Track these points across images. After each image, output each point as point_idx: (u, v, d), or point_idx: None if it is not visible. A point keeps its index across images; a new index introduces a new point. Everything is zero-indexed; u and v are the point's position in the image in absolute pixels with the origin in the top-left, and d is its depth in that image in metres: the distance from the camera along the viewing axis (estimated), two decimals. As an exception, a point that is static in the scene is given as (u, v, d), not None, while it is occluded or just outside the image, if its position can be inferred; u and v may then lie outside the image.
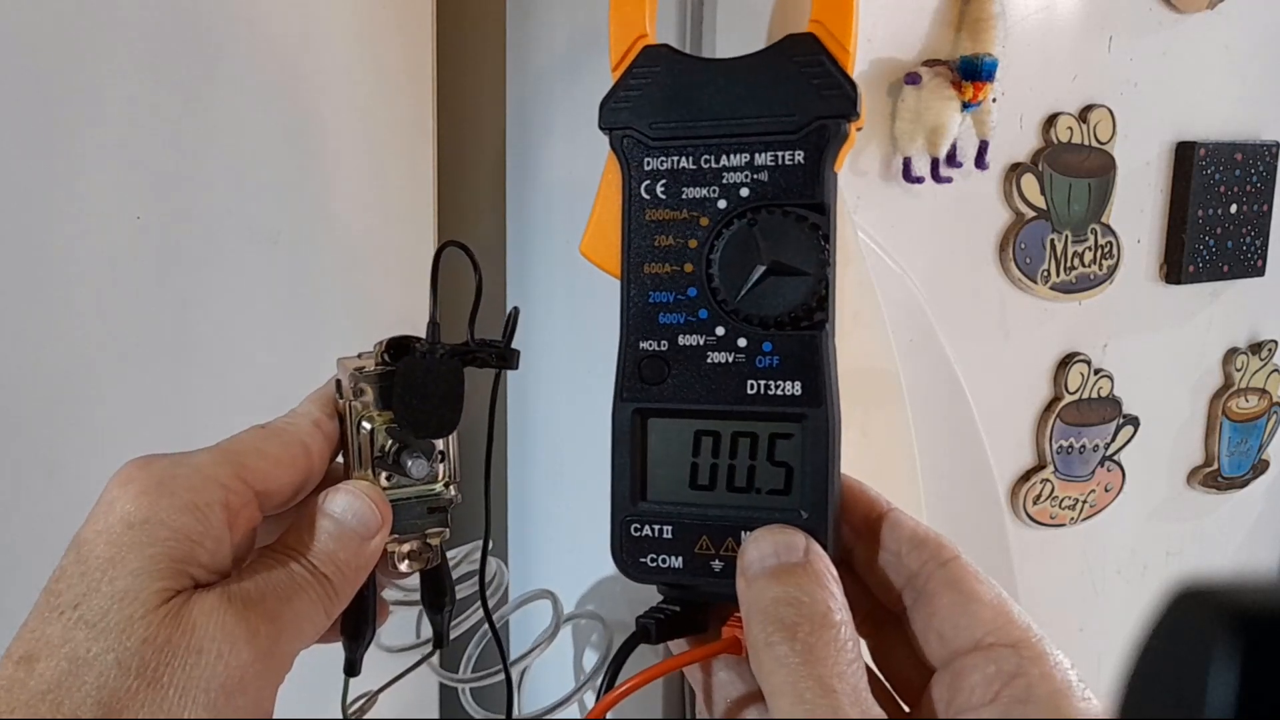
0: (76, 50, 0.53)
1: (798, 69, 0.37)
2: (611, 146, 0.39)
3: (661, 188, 0.38)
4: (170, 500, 0.35)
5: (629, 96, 0.38)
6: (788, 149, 0.37)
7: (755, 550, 0.34)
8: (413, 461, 0.40)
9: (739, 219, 0.37)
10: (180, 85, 0.56)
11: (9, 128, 0.53)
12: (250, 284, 0.59)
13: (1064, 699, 0.31)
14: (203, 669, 0.33)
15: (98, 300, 0.56)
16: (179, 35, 0.56)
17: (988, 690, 0.32)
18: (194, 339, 0.58)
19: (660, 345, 0.38)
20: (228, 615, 0.34)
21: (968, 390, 0.54)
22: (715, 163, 0.38)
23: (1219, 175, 0.59)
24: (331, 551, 0.37)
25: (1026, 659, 0.32)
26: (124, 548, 0.34)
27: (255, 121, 0.58)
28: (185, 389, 0.58)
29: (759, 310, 0.37)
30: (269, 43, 0.58)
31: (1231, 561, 0.69)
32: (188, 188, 0.57)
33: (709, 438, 0.38)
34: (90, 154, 0.55)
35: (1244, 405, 0.65)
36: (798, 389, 0.37)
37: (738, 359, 0.37)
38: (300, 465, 0.38)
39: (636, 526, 0.38)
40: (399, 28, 0.60)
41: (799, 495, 0.36)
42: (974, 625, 0.33)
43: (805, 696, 0.30)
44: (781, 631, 0.32)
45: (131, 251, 0.56)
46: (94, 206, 0.55)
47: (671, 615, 0.37)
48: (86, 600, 0.33)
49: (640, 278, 0.38)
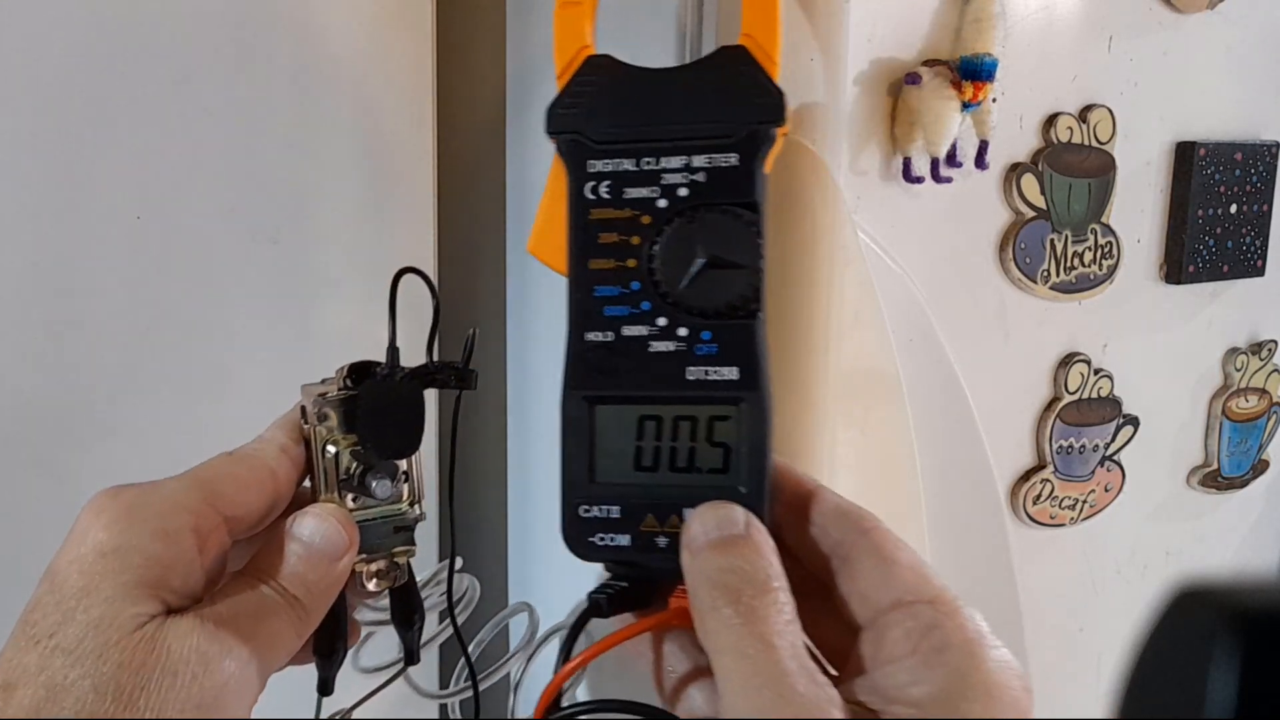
0: (77, 51, 0.53)
1: (731, 79, 0.39)
2: (557, 150, 0.41)
3: (605, 188, 0.40)
4: (141, 528, 0.35)
5: (574, 103, 0.40)
6: (723, 152, 0.39)
7: (698, 525, 0.36)
8: (377, 483, 0.41)
9: (679, 217, 0.39)
10: (181, 86, 0.56)
11: (10, 128, 0.53)
12: (251, 284, 0.59)
13: (977, 646, 0.34)
14: (178, 691, 0.33)
15: (98, 299, 0.56)
16: (179, 37, 0.56)
17: (908, 643, 0.34)
18: (194, 338, 0.58)
19: (606, 336, 0.40)
20: (201, 638, 0.34)
21: (967, 390, 0.54)
22: (656, 165, 0.40)
23: (1219, 175, 0.59)
24: (301, 574, 0.38)
25: (942, 613, 0.35)
26: (97, 576, 0.34)
27: (256, 121, 0.58)
28: (185, 388, 0.58)
29: (698, 302, 0.39)
30: (269, 43, 0.58)
31: (1231, 561, 0.69)
32: (188, 188, 0.57)
33: (652, 422, 0.40)
34: (91, 154, 0.55)
35: (1244, 405, 0.65)
36: (735, 374, 0.39)
37: (679, 347, 0.39)
38: (268, 489, 0.39)
39: (585, 508, 0.40)
40: (399, 27, 0.60)
41: (737, 473, 0.39)
42: (894, 585, 0.36)
43: (748, 653, 0.33)
44: (726, 596, 0.34)
45: (132, 251, 0.56)
46: (94, 206, 0.55)
47: (620, 590, 0.39)
48: (62, 629, 0.34)
49: (586, 273, 0.40)
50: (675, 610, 0.38)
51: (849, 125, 0.47)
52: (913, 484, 0.52)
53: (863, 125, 0.47)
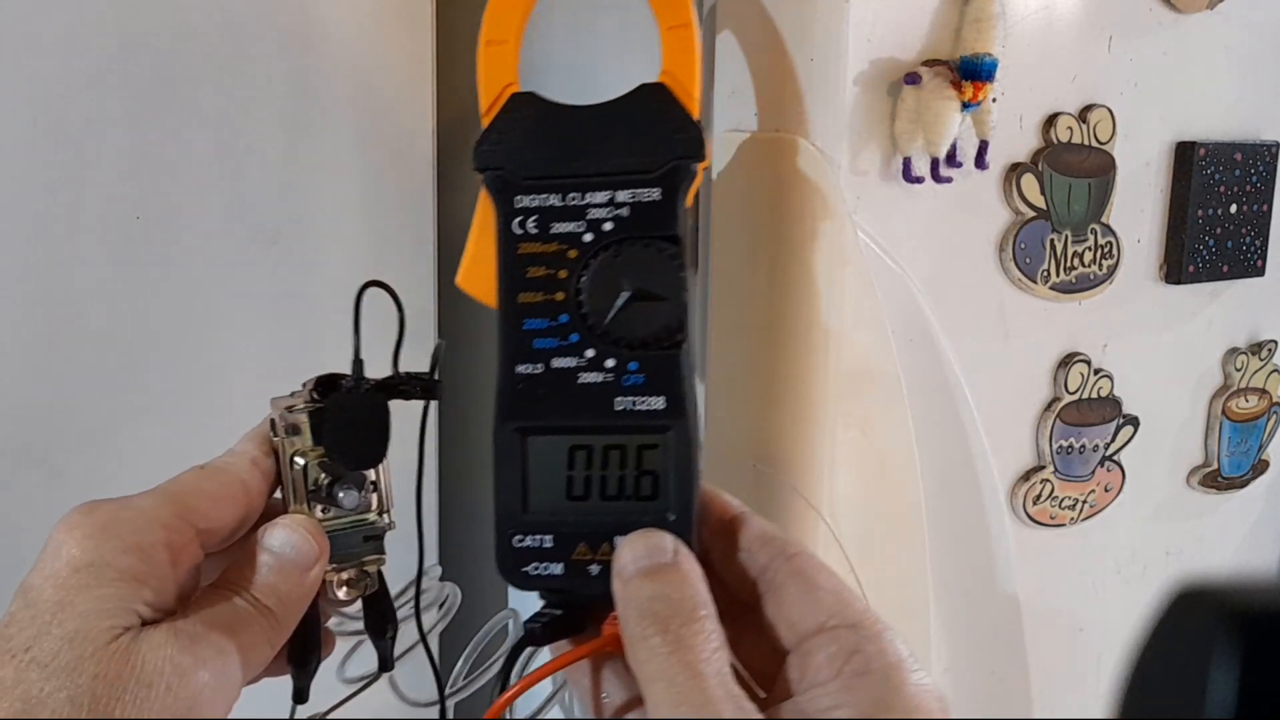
0: (78, 52, 0.53)
1: (652, 115, 0.41)
2: (484, 185, 0.41)
3: (533, 223, 0.41)
4: (114, 543, 0.36)
5: (500, 139, 0.41)
6: (645, 187, 0.40)
7: (629, 553, 0.37)
8: (344, 493, 0.42)
9: (604, 250, 0.40)
10: (182, 86, 0.56)
11: (11, 128, 0.53)
12: (251, 284, 0.59)
13: (897, 671, 0.35)
14: (152, 701, 0.34)
15: (99, 298, 0.56)
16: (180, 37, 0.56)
17: (831, 667, 0.35)
18: (195, 338, 0.58)
19: (536, 368, 0.41)
20: (175, 649, 0.35)
21: (967, 390, 0.54)
22: (581, 200, 0.41)
23: (1219, 175, 0.59)
24: (272, 584, 0.39)
25: (864, 637, 0.36)
26: (71, 590, 0.35)
27: (256, 122, 0.58)
28: (186, 388, 0.58)
29: (625, 333, 0.40)
30: (270, 44, 0.58)
31: (1231, 562, 0.69)
32: (188, 188, 0.57)
33: (582, 451, 0.40)
34: (92, 154, 0.55)
35: (1244, 405, 0.65)
36: (662, 404, 0.40)
37: (606, 379, 0.40)
38: (239, 502, 0.40)
39: (519, 537, 0.40)
40: (399, 28, 0.60)
41: (665, 500, 0.40)
42: (818, 610, 0.37)
43: (676, 680, 0.34)
44: (654, 625, 0.35)
45: (132, 251, 0.56)
46: (95, 206, 0.55)
47: (554, 618, 0.40)
48: (37, 643, 0.34)
49: (515, 306, 0.41)
50: (608, 637, 0.39)
51: (849, 125, 0.47)
52: (913, 484, 0.52)
53: (863, 125, 0.47)
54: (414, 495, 0.45)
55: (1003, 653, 0.58)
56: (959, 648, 0.56)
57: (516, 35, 0.42)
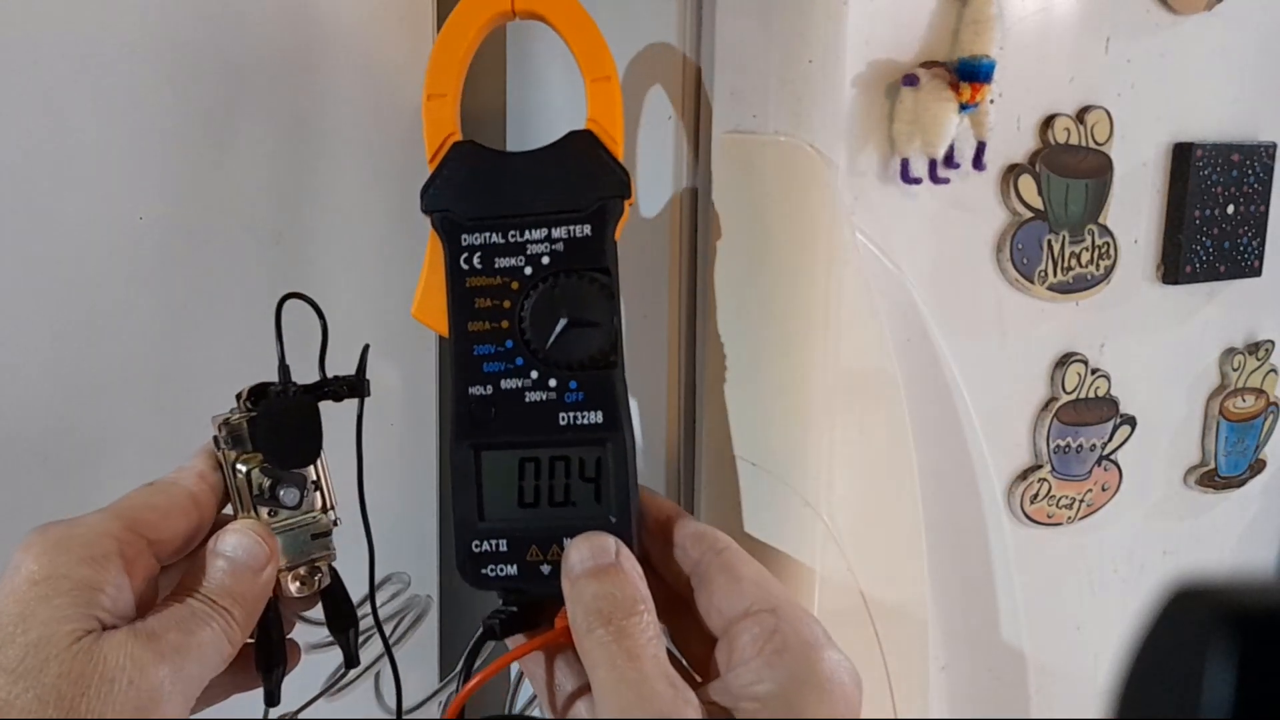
0: (78, 51, 0.54)
1: (581, 159, 0.45)
2: (433, 226, 0.45)
3: (478, 259, 0.45)
4: (68, 556, 0.38)
5: (445, 184, 0.45)
6: (577, 224, 0.44)
7: (575, 554, 0.41)
8: (285, 491, 0.44)
9: (543, 282, 0.44)
10: (182, 85, 0.56)
11: (12, 128, 0.53)
12: (252, 284, 0.59)
13: (812, 649, 0.39)
14: (116, 695, 0.36)
15: (99, 299, 0.56)
16: (180, 36, 0.56)
17: (754, 646, 0.39)
18: (195, 338, 0.58)
19: (486, 390, 0.44)
20: (135, 646, 0.37)
21: (965, 390, 0.54)
22: (520, 237, 0.44)
23: (1216, 176, 0.59)
24: (227, 586, 0.41)
25: (783, 619, 0.40)
26: (31, 603, 0.37)
27: (257, 121, 0.58)
28: (186, 388, 0.58)
29: (564, 356, 0.44)
30: (271, 43, 0.58)
31: (1228, 561, 0.69)
32: (190, 188, 0.57)
33: (531, 464, 0.44)
34: (93, 154, 0.55)
35: (1241, 405, 0.65)
36: (600, 418, 0.44)
37: (550, 397, 0.44)
38: (189, 514, 0.42)
39: (476, 543, 0.44)
40: (400, 27, 0.61)
41: (607, 505, 0.44)
42: (742, 597, 0.41)
43: (617, 665, 0.37)
44: (599, 619, 0.39)
45: (134, 251, 0.56)
46: (97, 206, 0.55)
47: (511, 615, 0.44)
48: (3, 651, 0.36)
49: (466, 334, 0.45)
50: (559, 630, 0.42)
51: (847, 127, 0.47)
52: (910, 483, 0.52)
53: (860, 127, 0.47)
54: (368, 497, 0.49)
55: (1000, 651, 0.58)
56: (956, 646, 0.56)
57: (456, 89, 0.47)
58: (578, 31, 0.46)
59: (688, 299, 0.55)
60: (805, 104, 0.47)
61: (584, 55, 0.46)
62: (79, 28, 0.53)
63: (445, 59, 0.47)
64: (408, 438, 0.61)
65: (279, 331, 0.45)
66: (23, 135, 0.53)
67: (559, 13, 0.46)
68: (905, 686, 0.52)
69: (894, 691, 0.52)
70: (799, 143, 0.47)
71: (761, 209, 0.49)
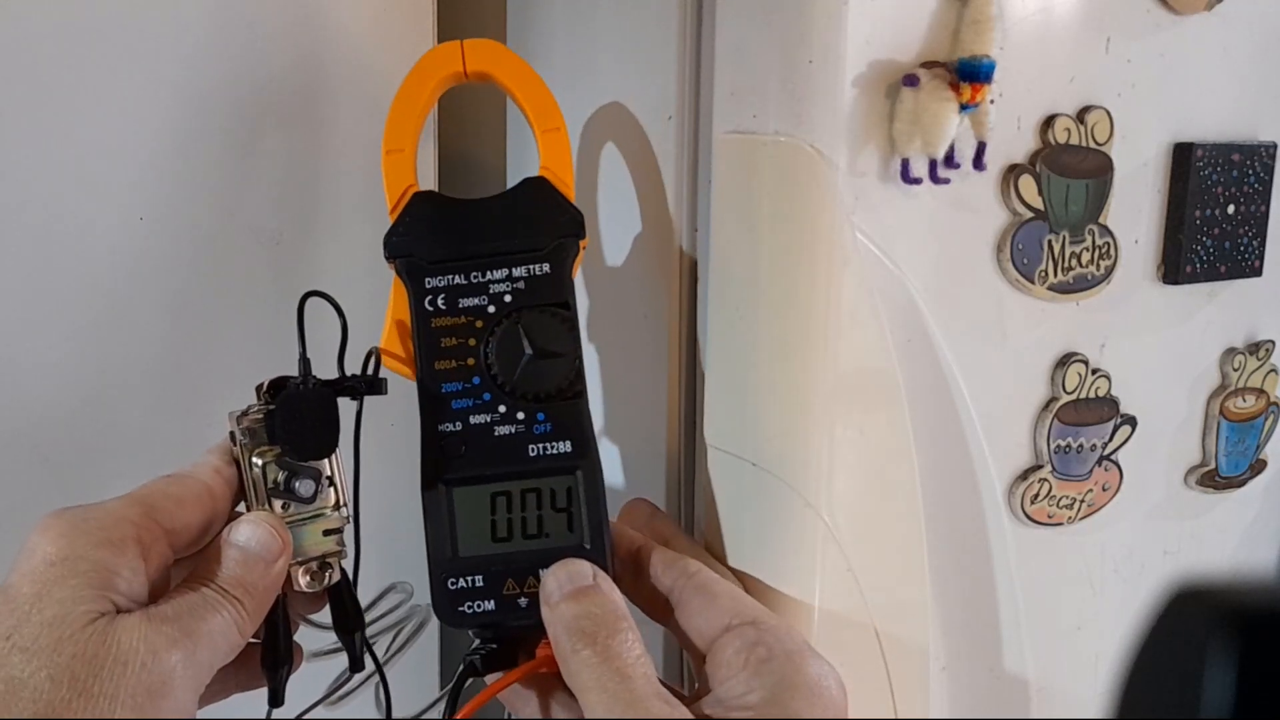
0: (79, 50, 0.54)
1: (537, 203, 0.47)
2: (396, 272, 0.47)
3: (442, 300, 0.46)
4: (86, 539, 0.39)
5: (407, 231, 0.47)
6: (537, 263, 0.46)
7: (553, 581, 0.42)
8: (300, 483, 0.45)
9: (506, 319, 0.45)
10: (183, 86, 0.56)
11: (12, 128, 0.53)
12: (253, 285, 0.59)
13: (797, 656, 0.40)
14: (129, 677, 0.36)
15: (100, 300, 0.56)
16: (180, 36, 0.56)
17: (739, 659, 0.40)
18: (196, 339, 0.58)
19: (456, 426, 0.45)
20: (148, 631, 0.38)
21: (965, 390, 0.54)
22: (482, 277, 0.46)
23: (1216, 176, 0.59)
24: (240, 576, 0.42)
25: (764, 630, 0.41)
26: (48, 583, 0.37)
27: (258, 122, 0.58)
28: (187, 389, 0.58)
29: (531, 388, 0.45)
30: (272, 44, 0.58)
31: (1228, 561, 0.69)
32: (191, 188, 0.57)
33: (503, 497, 0.45)
34: (94, 154, 0.55)
35: (1241, 405, 0.65)
36: (569, 447, 0.45)
37: (519, 429, 0.45)
38: (204, 505, 0.43)
39: (452, 580, 0.44)
40: (401, 27, 0.61)
41: (580, 533, 0.44)
42: (721, 613, 0.42)
43: (608, 686, 0.37)
44: (584, 639, 0.39)
45: (135, 251, 0.56)
46: (97, 206, 0.55)
47: (492, 651, 0.45)
48: (19, 630, 0.36)
49: (433, 372, 0.46)
50: (542, 659, 0.43)
51: (847, 127, 0.47)
52: (911, 484, 0.52)
53: (861, 127, 0.47)
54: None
55: (1000, 651, 0.58)
56: (957, 646, 0.56)
57: (412, 143, 0.49)
58: (526, 89, 0.49)
59: (688, 299, 0.55)
60: (805, 104, 0.47)
61: (534, 110, 0.49)
62: (82, 31, 0.53)
63: (403, 115, 0.49)
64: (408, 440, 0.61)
65: (301, 328, 0.46)
66: (24, 136, 0.53)
67: (508, 73, 0.50)
68: (905, 686, 0.52)
69: (894, 691, 0.52)
70: (799, 143, 0.47)
71: (761, 209, 0.49)
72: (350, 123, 0.61)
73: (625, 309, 0.59)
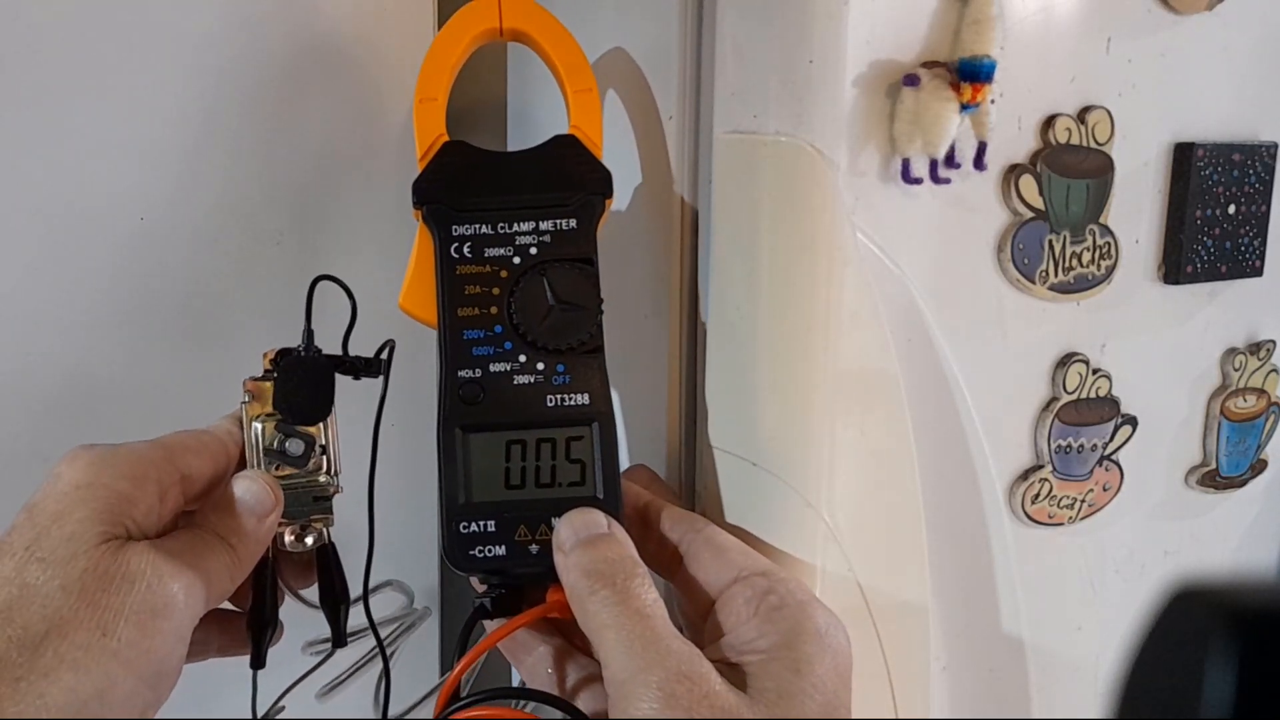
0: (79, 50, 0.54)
1: (566, 160, 0.48)
2: (424, 218, 0.48)
3: (468, 248, 0.47)
4: (110, 470, 0.42)
5: (436, 179, 0.48)
6: (564, 217, 0.47)
7: (567, 529, 0.43)
8: (290, 442, 0.47)
9: (531, 270, 0.46)
10: (183, 86, 0.56)
11: (12, 127, 0.53)
12: (254, 285, 0.59)
13: (808, 605, 0.41)
14: (135, 595, 0.39)
15: (102, 300, 0.56)
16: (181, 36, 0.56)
17: (749, 607, 0.41)
18: (197, 340, 0.58)
19: (475, 373, 0.46)
20: (156, 557, 0.40)
21: (966, 390, 0.54)
22: (509, 228, 0.47)
23: (1217, 176, 0.59)
24: (234, 525, 0.44)
25: (774, 580, 0.42)
26: (71, 503, 0.40)
27: (258, 122, 0.58)
28: (187, 390, 0.58)
29: (552, 340, 0.46)
30: (272, 43, 0.58)
31: (1229, 561, 0.69)
32: (191, 188, 0.57)
33: (518, 445, 0.46)
34: (94, 154, 0.55)
35: (1242, 405, 0.65)
36: (586, 399, 0.46)
37: (538, 379, 0.46)
38: (219, 458, 0.46)
39: (464, 524, 0.45)
40: (401, 26, 0.61)
41: (593, 484, 0.45)
42: (730, 566, 0.43)
43: (626, 624, 0.38)
44: (601, 581, 0.40)
45: (136, 251, 0.56)
46: (98, 207, 0.55)
47: (501, 595, 0.46)
48: (38, 542, 0.39)
49: (456, 320, 0.46)
50: (553, 603, 0.44)
51: (848, 127, 0.47)
52: (911, 483, 0.52)
53: (861, 127, 0.47)
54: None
55: (1001, 651, 0.58)
56: (957, 646, 0.56)
57: (444, 92, 0.49)
58: (561, 49, 0.50)
59: (688, 299, 0.55)
60: (806, 104, 0.47)
61: (567, 70, 0.50)
62: (82, 29, 0.53)
63: (437, 65, 0.49)
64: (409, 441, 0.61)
65: (309, 306, 0.48)
66: (24, 136, 0.53)
67: (543, 32, 0.50)
68: (905, 686, 0.52)
69: (894, 691, 0.52)
70: (799, 143, 0.47)
71: (761, 209, 0.49)
72: (351, 123, 0.61)
73: (625, 309, 0.59)
